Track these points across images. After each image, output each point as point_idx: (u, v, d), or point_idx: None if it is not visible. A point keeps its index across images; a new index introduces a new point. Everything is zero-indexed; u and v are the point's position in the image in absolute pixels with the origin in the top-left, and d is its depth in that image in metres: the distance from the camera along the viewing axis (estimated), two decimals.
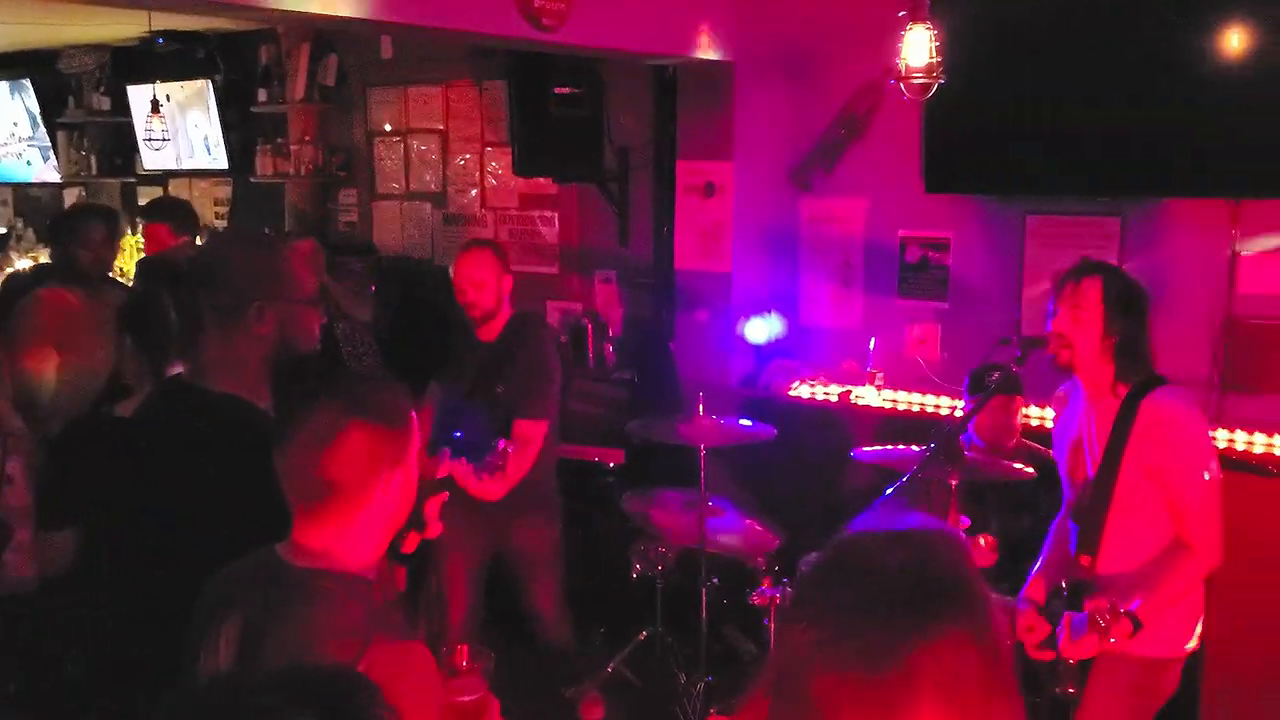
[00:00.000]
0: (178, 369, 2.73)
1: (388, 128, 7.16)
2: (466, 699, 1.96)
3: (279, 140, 7.47)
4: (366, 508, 1.86)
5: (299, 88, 7.29)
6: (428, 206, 6.97)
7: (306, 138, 7.35)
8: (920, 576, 1.14)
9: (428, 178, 6.99)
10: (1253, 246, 4.41)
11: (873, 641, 1.10)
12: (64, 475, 2.81)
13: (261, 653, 1.73)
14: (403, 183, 7.11)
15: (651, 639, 4.52)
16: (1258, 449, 4.22)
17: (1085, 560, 3.11)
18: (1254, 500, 3.94)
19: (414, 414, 1.95)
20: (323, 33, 7.04)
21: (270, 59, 7.48)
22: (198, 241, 5.56)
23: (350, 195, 7.42)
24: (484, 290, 4.06)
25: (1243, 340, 4.42)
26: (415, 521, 2.20)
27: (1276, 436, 4.24)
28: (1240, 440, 4.27)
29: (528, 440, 3.97)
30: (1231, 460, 4.03)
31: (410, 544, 2.20)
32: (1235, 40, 4.12)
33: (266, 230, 6.97)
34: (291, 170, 7.40)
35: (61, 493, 2.80)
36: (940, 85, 3.62)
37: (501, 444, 3.57)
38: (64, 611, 2.77)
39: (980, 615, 1.14)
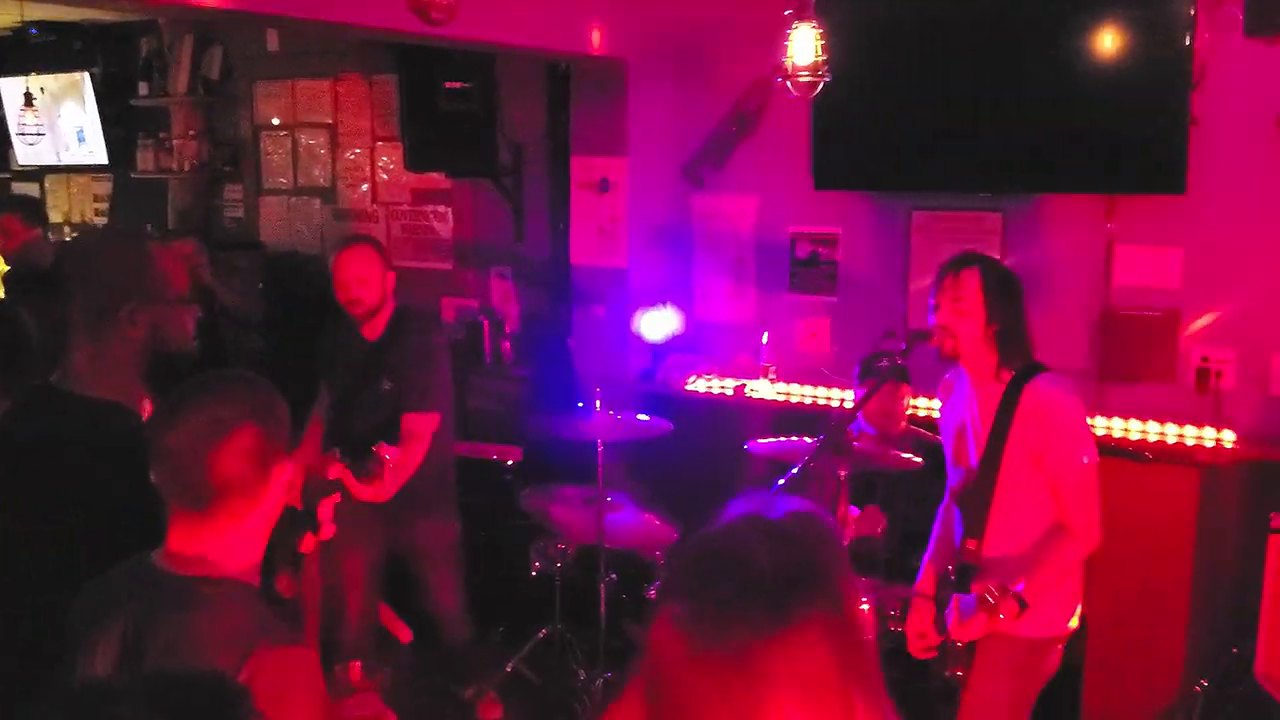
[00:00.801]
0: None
1: (275, 122, 7.01)
2: (362, 715, 1.94)
3: (161, 135, 7.27)
4: (255, 510, 1.83)
5: (182, 81, 7.11)
6: (317, 202, 6.86)
7: (190, 132, 7.17)
8: (783, 567, 1.14)
9: (316, 172, 6.87)
10: (1125, 240, 4.58)
11: (734, 632, 1.10)
12: None
13: (144, 663, 1.69)
14: (291, 178, 6.98)
15: (551, 636, 4.52)
16: (1134, 435, 4.39)
17: (972, 544, 3.20)
18: (1130, 485, 4.10)
19: (287, 412, 1.92)
20: (206, 25, 6.87)
21: (151, 51, 7.27)
22: (49, 236, 5.55)
23: (236, 191, 7.26)
24: (368, 287, 3.98)
25: (1118, 331, 4.59)
26: (309, 523, 2.17)
27: (1151, 423, 4.41)
28: (1117, 428, 4.44)
29: (417, 434, 3.89)
30: (1109, 447, 4.19)
31: (306, 544, 2.17)
32: (1108, 41, 4.28)
33: (149, 227, 6.78)
34: (174, 166, 7.22)
35: None
36: (827, 83, 3.68)
37: (382, 451, 3.44)
38: None
39: (840, 606, 1.15)
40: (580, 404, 4.39)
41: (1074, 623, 3.25)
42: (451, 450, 4.25)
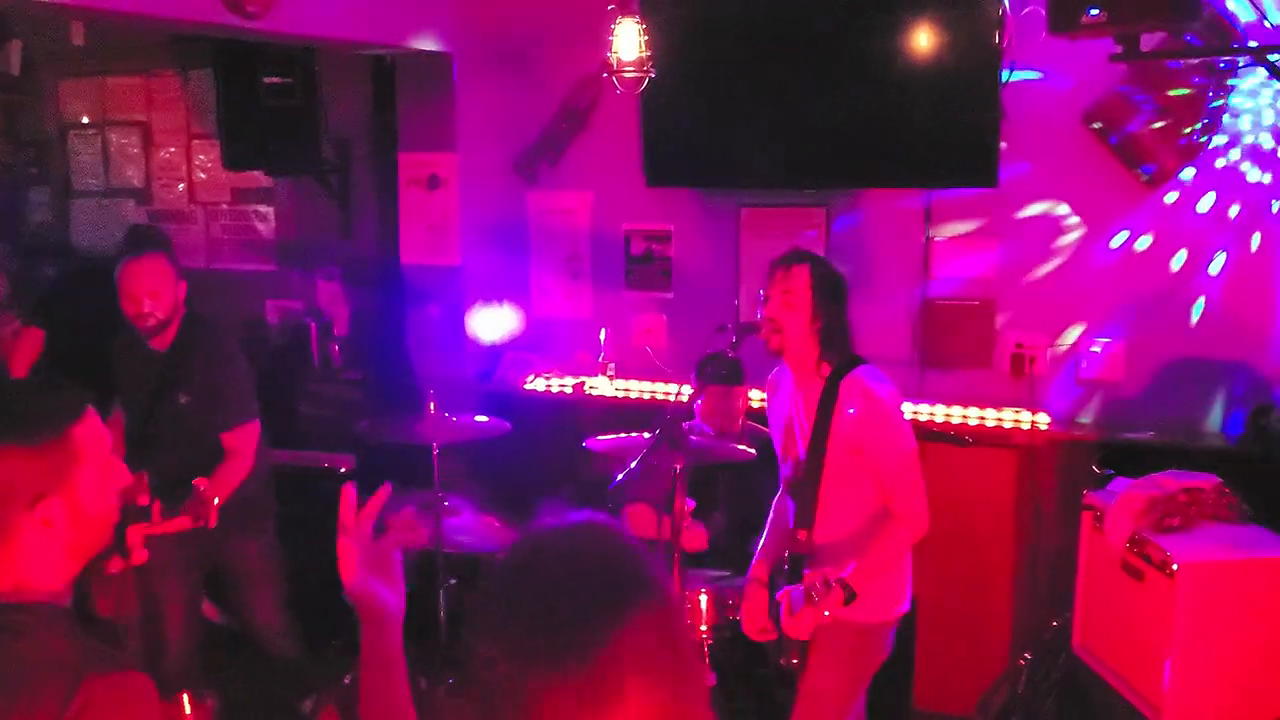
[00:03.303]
0: None
1: (84, 120, 6.68)
2: None
3: None
4: (23, 544, 1.66)
5: None
6: (131, 203, 6.55)
7: None
8: (600, 569, 1.22)
9: (130, 172, 6.58)
10: (943, 233, 4.75)
11: (572, 637, 1.15)
12: None
13: None
14: (102, 178, 6.66)
15: None
16: (955, 420, 4.55)
17: (802, 534, 3.26)
18: (952, 468, 4.25)
19: (74, 426, 1.70)
20: (1, 16, 6.46)
21: None
22: None
23: (42, 193, 6.88)
24: (160, 300, 3.76)
25: (937, 320, 4.76)
26: (118, 546, 2.05)
27: (971, 409, 4.58)
28: (939, 413, 4.60)
29: (240, 451, 3.77)
30: (931, 432, 4.34)
31: (113, 568, 2.05)
32: (923, 39, 4.42)
33: None
34: None
35: None
36: (656, 80, 3.69)
37: (201, 485, 3.17)
38: None
39: (660, 592, 1.22)
40: (414, 407, 4.31)
41: (905, 606, 3.35)
42: (267, 457, 4.09)
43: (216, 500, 3.15)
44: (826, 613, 2.97)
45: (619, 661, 1.15)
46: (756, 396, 4.55)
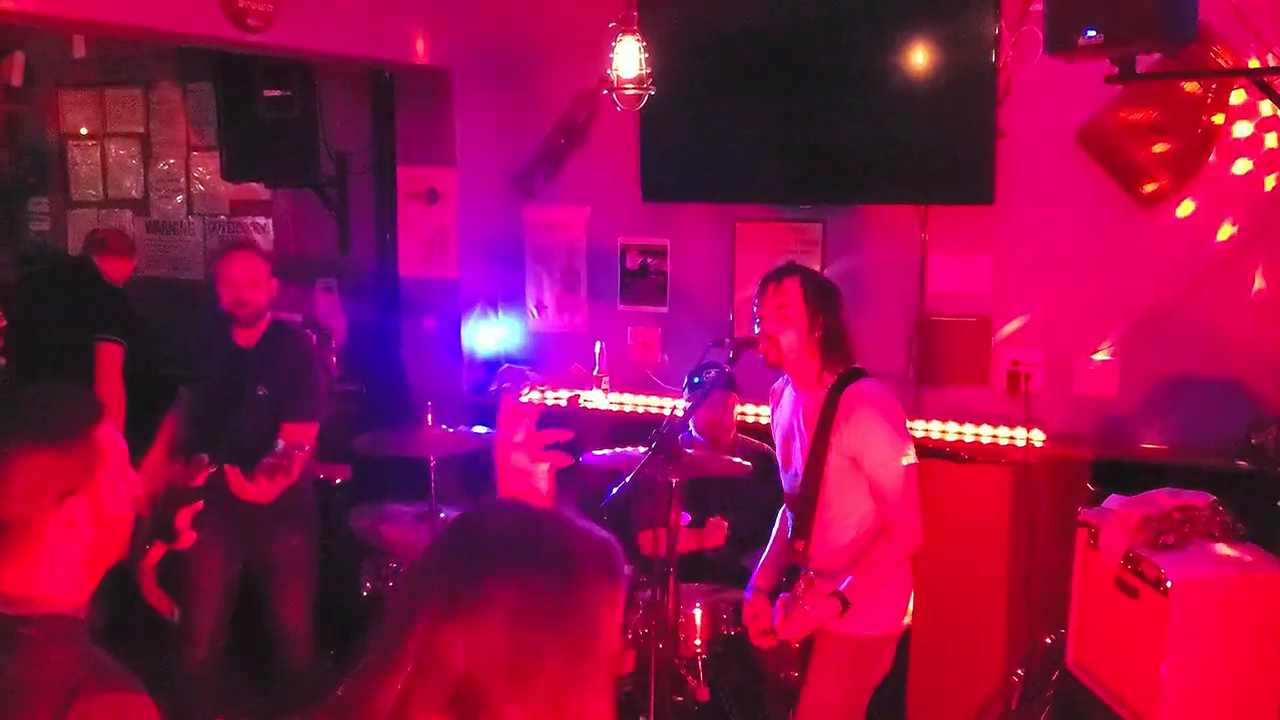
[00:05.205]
0: None
1: (83, 131, 6.70)
2: None
3: None
4: (48, 545, 1.67)
5: None
6: (129, 214, 6.56)
7: None
8: (519, 530, 1.30)
9: (128, 184, 6.60)
10: (940, 249, 4.76)
11: (453, 575, 1.24)
12: None
13: None
14: (100, 189, 6.67)
15: None
16: (950, 437, 4.56)
17: (799, 545, 3.27)
18: (947, 484, 4.25)
19: (96, 428, 1.72)
20: (4, 29, 6.47)
21: None
22: None
23: (42, 203, 6.89)
24: (259, 289, 3.99)
25: (933, 336, 4.77)
26: (165, 533, 2.04)
27: (967, 425, 4.59)
28: (934, 429, 4.61)
29: (299, 443, 3.87)
30: (926, 448, 4.34)
31: (154, 556, 2.04)
32: (919, 57, 4.45)
33: None
34: None
35: None
36: (654, 96, 3.71)
37: (283, 443, 3.52)
38: None
39: (566, 563, 1.26)
40: (411, 419, 4.32)
41: (906, 619, 3.35)
42: (316, 463, 4.21)
43: (303, 448, 3.53)
44: (808, 606, 2.97)
45: (492, 601, 1.20)
46: (751, 411, 4.57)
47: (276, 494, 3.72)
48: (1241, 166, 4.23)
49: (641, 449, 3.46)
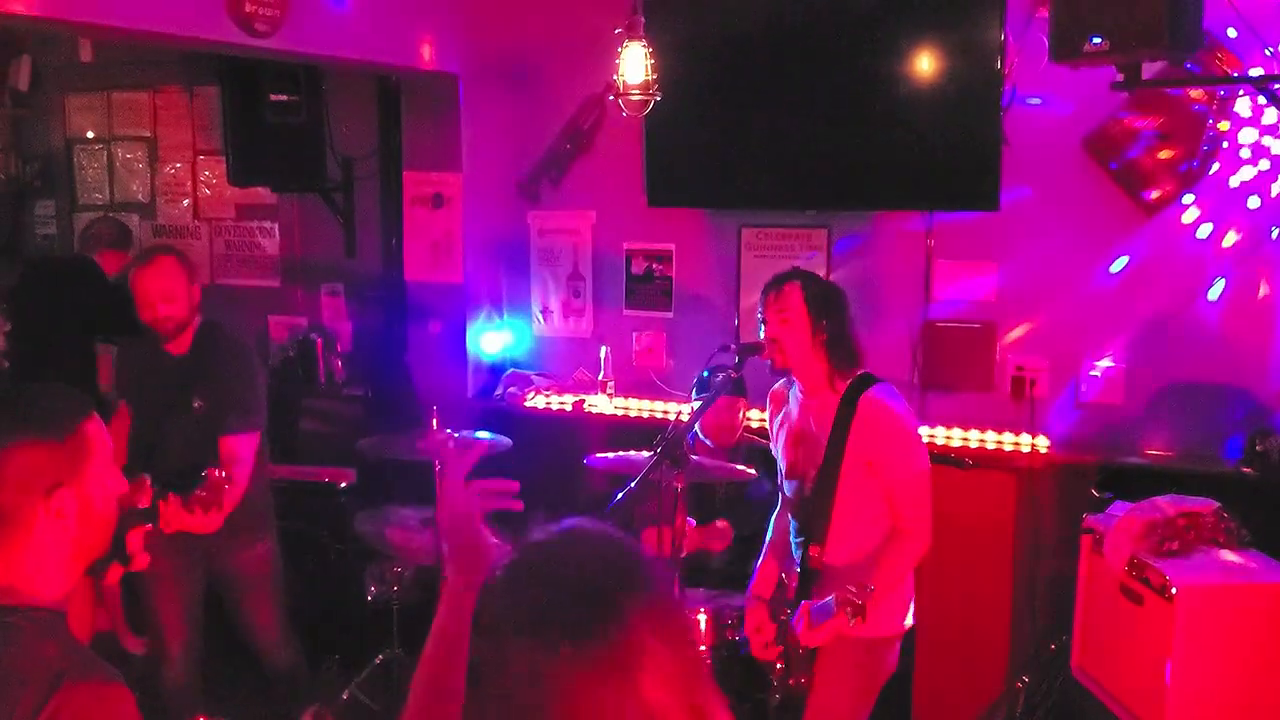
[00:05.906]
0: None
1: (89, 135, 6.71)
2: None
3: None
4: (36, 535, 1.71)
5: None
6: (135, 218, 6.57)
7: None
8: (603, 555, 1.25)
9: (135, 188, 6.61)
10: (945, 256, 4.77)
11: (589, 615, 1.17)
12: None
13: None
14: (107, 193, 6.69)
15: (389, 661, 4.42)
16: (955, 443, 4.57)
17: (815, 550, 3.27)
18: (952, 490, 4.25)
19: (85, 423, 1.78)
20: (11, 32, 6.50)
21: None
22: None
23: (48, 207, 6.91)
24: (175, 302, 3.76)
25: (938, 343, 4.77)
26: (118, 554, 2.06)
27: (972, 431, 4.60)
28: (940, 435, 4.61)
29: (238, 458, 3.71)
30: (933, 455, 4.33)
31: (113, 576, 2.06)
32: (925, 64, 4.45)
33: None
34: None
35: None
36: (660, 102, 3.72)
37: (212, 473, 3.27)
38: None
39: (659, 581, 1.25)
40: (416, 423, 4.32)
41: (909, 620, 3.36)
42: (266, 468, 4.06)
43: (231, 480, 3.22)
44: (852, 622, 2.96)
45: (638, 633, 1.17)
46: (755, 416, 4.57)
47: (221, 522, 3.39)
48: (1246, 173, 4.23)
49: (645, 453, 3.46)
